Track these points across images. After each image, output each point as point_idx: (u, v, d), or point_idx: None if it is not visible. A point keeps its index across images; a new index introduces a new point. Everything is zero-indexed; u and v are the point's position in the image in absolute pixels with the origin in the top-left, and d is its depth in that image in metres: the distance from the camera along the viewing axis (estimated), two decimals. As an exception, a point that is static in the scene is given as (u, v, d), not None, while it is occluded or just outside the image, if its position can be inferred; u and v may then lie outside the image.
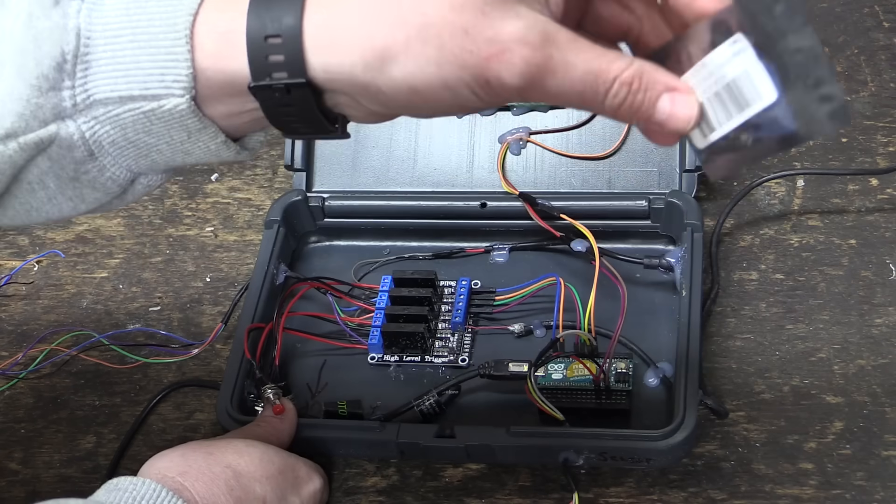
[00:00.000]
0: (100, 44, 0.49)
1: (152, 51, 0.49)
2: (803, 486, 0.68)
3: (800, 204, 0.81)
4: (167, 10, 0.49)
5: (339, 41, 0.48)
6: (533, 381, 0.69)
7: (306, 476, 0.67)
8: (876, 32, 0.88)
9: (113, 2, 0.50)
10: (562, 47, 0.48)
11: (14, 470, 0.76)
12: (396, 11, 0.47)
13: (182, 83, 0.49)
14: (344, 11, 0.48)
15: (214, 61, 0.50)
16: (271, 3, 0.49)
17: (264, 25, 0.48)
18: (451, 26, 0.47)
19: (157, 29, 0.49)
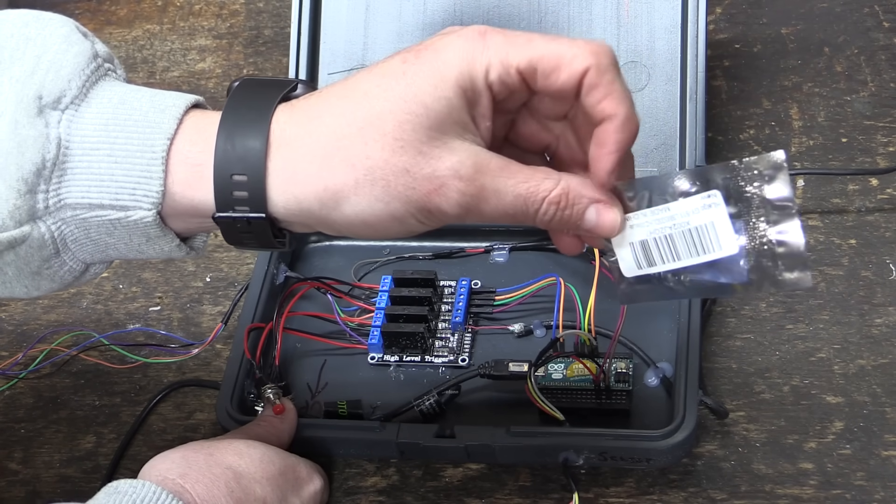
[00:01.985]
0: (77, 154, 0.53)
1: (127, 166, 0.53)
2: (803, 486, 0.68)
3: (800, 204, 0.81)
4: (145, 131, 0.54)
5: (298, 183, 0.54)
6: (533, 381, 0.69)
7: (307, 476, 0.67)
8: (876, 32, 0.88)
9: (92, 116, 0.54)
10: (493, 175, 0.54)
11: (14, 470, 0.76)
12: (346, 156, 0.53)
13: (151, 199, 0.54)
14: (302, 156, 0.54)
15: (183, 188, 0.54)
16: (236, 140, 0.54)
17: (230, 164, 0.54)
18: (393, 167, 0.53)
19: (135, 147, 0.53)
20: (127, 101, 0.54)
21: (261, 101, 0.55)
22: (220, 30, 0.99)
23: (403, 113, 0.53)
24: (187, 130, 0.54)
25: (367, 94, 0.54)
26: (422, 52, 0.54)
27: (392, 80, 0.54)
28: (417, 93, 0.53)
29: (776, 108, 0.86)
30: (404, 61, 0.54)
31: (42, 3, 1.04)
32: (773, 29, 0.90)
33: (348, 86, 0.55)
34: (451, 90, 0.53)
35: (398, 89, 0.53)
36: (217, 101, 0.94)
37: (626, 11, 0.81)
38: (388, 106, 0.53)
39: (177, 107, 0.55)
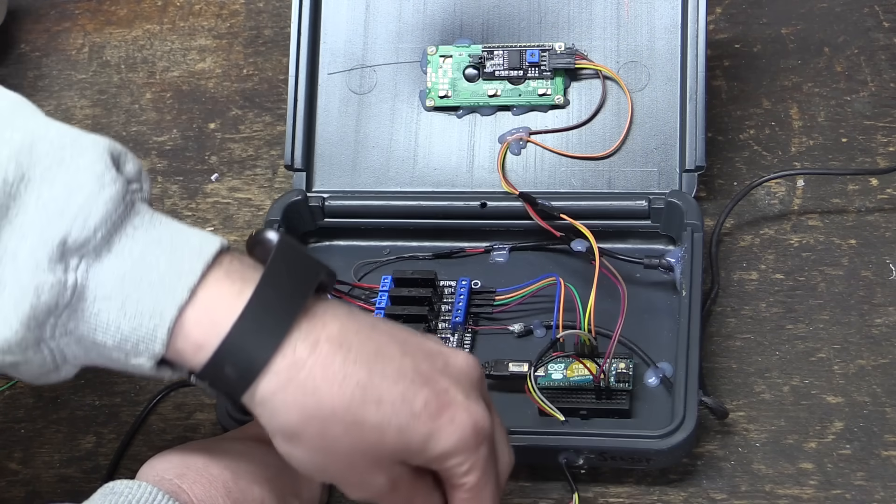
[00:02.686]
0: (90, 299, 0.54)
1: (135, 324, 0.54)
2: (803, 486, 0.68)
3: (800, 204, 0.81)
4: (158, 295, 0.54)
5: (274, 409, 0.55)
6: (533, 381, 0.69)
7: (305, 478, 0.67)
8: (876, 32, 0.88)
9: (112, 265, 0.54)
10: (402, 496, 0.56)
11: (14, 470, 0.76)
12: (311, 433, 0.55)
13: (152, 353, 0.55)
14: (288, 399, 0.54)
15: (178, 353, 0.55)
16: (246, 343, 0.54)
17: (230, 357, 0.54)
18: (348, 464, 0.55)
19: (146, 308, 0.54)
20: (146, 258, 0.55)
21: (287, 303, 0.55)
22: (220, 30, 0.99)
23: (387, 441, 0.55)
24: (199, 306, 0.55)
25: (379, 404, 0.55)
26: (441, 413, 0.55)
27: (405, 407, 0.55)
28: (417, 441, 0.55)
29: (776, 108, 0.86)
30: (425, 406, 0.55)
31: (43, 2, 1.04)
32: (773, 29, 0.90)
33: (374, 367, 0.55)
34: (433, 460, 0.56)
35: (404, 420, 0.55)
36: (217, 100, 0.94)
37: (626, 11, 0.81)
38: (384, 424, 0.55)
39: (193, 273, 0.55)
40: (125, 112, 0.95)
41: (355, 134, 0.83)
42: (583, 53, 0.81)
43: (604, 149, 0.80)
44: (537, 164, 0.81)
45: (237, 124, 0.93)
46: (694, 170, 0.78)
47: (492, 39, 0.83)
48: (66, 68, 0.99)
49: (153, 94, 0.96)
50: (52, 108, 0.97)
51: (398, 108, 0.83)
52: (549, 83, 0.81)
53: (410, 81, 0.83)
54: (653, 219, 0.78)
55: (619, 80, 0.80)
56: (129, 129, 0.94)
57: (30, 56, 1.01)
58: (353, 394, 0.54)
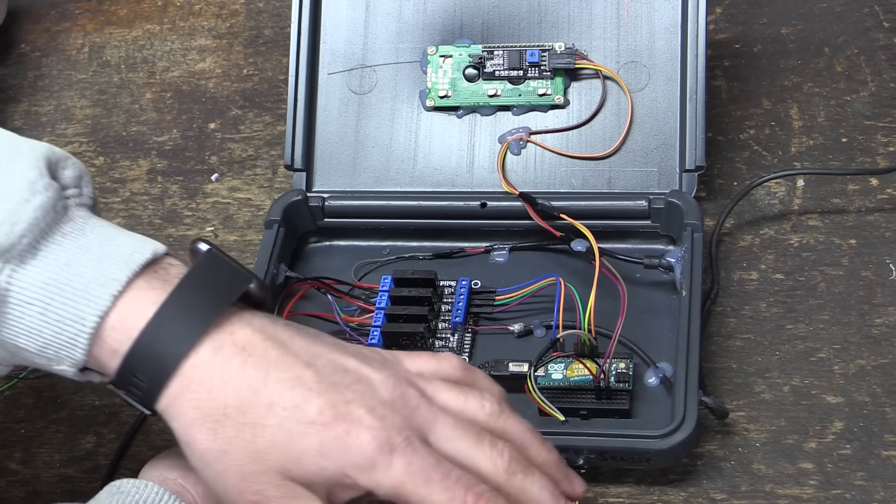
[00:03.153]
0: (12, 303, 0.55)
1: (56, 330, 0.55)
2: (803, 486, 0.68)
3: (800, 204, 0.81)
4: (80, 302, 0.55)
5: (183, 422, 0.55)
6: (533, 381, 0.69)
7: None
8: (876, 32, 0.88)
9: (36, 271, 0.55)
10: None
11: (14, 470, 0.76)
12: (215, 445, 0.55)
13: (73, 360, 0.56)
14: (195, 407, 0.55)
15: (98, 361, 0.56)
16: (155, 349, 0.55)
17: (137, 367, 0.55)
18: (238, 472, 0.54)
19: (67, 315, 0.55)
20: (72, 265, 0.55)
21: (199, 311, 0.56)
22: (220, 30, 0.99)
23: (280, 448, 0.54)
24: (119, 310, 0.55)
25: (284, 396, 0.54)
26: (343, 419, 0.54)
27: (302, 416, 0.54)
28: (304, 453, 0.54)
29: (776, 108, 0.86)
30: (328, 407, 0.54)
31: (43, 2, 1.04)
32: (773, 29, 0.90)
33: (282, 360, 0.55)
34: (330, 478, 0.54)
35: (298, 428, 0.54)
36: (217, 100, 0.94)
37: (626, 11, 0.81)
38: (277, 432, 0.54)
39: (117, 281, 0.55)
40: (125, 112, 0.95)
41: (355, 134, 0.83)
42: (583, 53, 0.81)
43: (604, 149, 0.80)
44: (537, 164, 0.81)
45: (237, 124, 0.93)
46: (694, 170, 0.78)
47: (492, 39, 0.83)
48: (66, 68, 0.99)
49: (153, 94, 0.96)
50: (52, 108, 0.97)
51: (398, 108, 0.83)
52: (549, 83, 0.81)
53: (410, 81, 0.83)
54: (653, 219, 0.78)
55: (619, 80, 0.80)
56: (129, 129, 0.94)
57: (30, 56, 1.01)
58: (246, 395, 0.54)
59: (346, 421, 0.54)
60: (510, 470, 0.56)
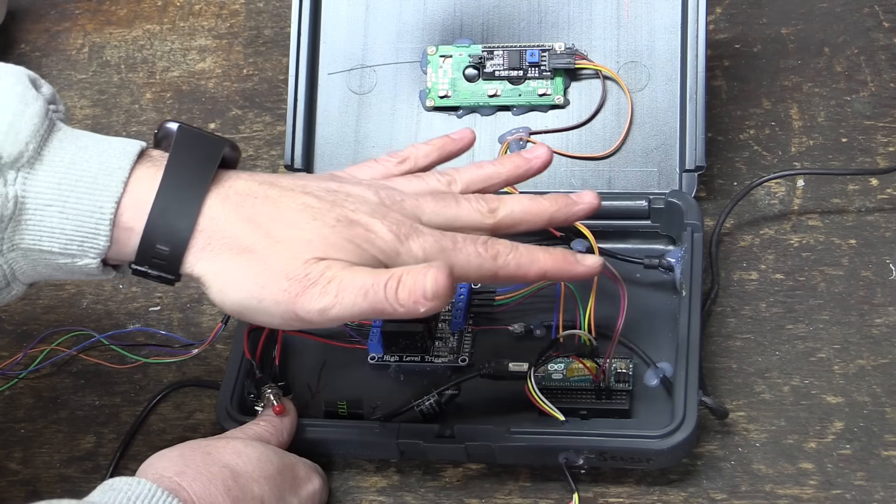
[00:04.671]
0: (31, 208, 0.59)
1: (77, 223, 0.59)
2: (803, 486, 0.68)
3: (800, 204, 0.81)
4: (94, 192, 0.59)
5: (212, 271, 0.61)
6: (533, 381, 0.69)
7: (305, 476, 0.67)
8: (876, 32, 0.88)
9: (46, 174, 0.59)
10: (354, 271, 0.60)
11: (14, 470, 0.76)
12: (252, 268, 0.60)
13: (97, 250, 0.60)
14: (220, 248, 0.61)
15: (118, 245, 0.61)
16: (168, 216, 0.60)
17: (157, 236, 0.60)
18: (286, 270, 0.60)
19: (85, 207, 0.59)
20: (77, 163, 0.60)
21: (196, 174, 0.61)
22: (220, 30, 0.99)
23: (314, 245, 0.60)
24: (130, 193, 0.60)
25: (298, 217, 0.61)
26: (355, 223, 0.61)
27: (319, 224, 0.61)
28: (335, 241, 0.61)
29: (776, 108, 0.86)
30: (338, 217, 0.61)
31: (43, 2, 1.04)
32: (773, 29, 0.90)
33: (282, 194, 0.62)
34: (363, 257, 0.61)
35: (322, 230, 0.61)
36: (217, 100, 0.94)
37: (626, 11, 0.81)
38: (305, 236, 0.60)
39: (122, 169, 0.60)
40: (125, 112, 0.95)
41: (355, 134, 0.83)
42: (583, 53, 0.81)
43: (604, 149, 0.80)
44: (537, 164, 0.81)
45: (237, 124, 0.93)
46: (694, 170, 0.78)
47: (492, 39, 0.83)
48: (66, 68, 0.99)
49: (153, 94, 0.96)
50: (52, 108, 0.97)
51: (398, 108, 0.83)
52: (549, 83, 0.81)
53: (410, 81, 0.84)
54: (653, 219, 0.78)
55: (619, 80, 0.80)
56: (129, 129, 0.94)
57: (30, 56, 1.01)
58: (268, 225, 0.61)
59: (360, 224, 0.61)
60: (490, 209, 0.65)
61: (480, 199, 0.66)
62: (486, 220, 0.65)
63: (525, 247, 0.64)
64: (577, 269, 0.65)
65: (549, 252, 0.65)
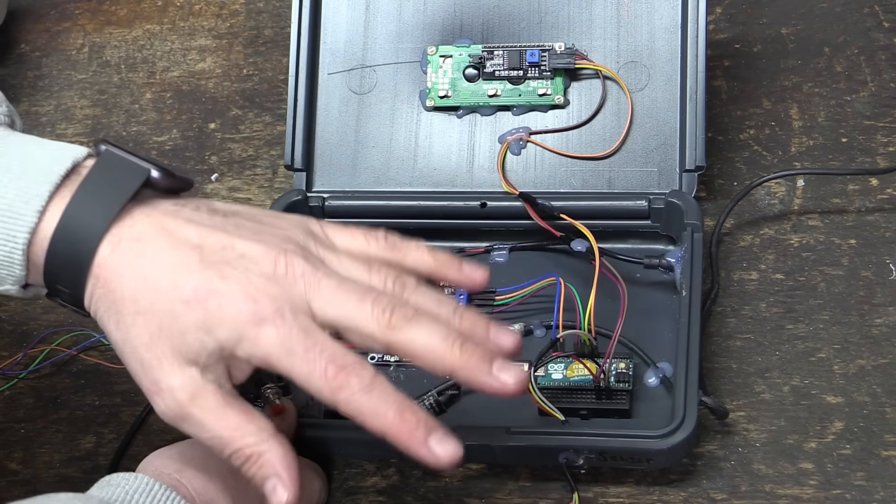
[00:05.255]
0: None
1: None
2: (803, 486, 0.68)
3: (800, 204, 0.81)
4: (8, 221, 0.57)
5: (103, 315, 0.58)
6: (533, 381, 0.69)
7: (305, 475, 0.67)
8: (876, 32, 0.88)
9: None
10: (204, 410, 0.56)
11: (14, 470, 0.76)
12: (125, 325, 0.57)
13: (14, 277, 0.58)
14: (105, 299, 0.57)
15: (33, 275, 0.59)
16: (60, 261, 0.57)
17: (56, 277, 0.57)
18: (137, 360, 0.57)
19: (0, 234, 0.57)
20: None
21: (102, 207, 0.57)
22: (220, 30, 0.99)
23: (168, 330, 0.56)
24: (45, 222, 0.57)
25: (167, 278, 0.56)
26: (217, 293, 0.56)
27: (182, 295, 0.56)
28: (186, 329, 0.56)
29: (776, 108, 0.86)
30: (205, 282, 0.56)
31: (43, 2, 1.04)
32: (773, 29, 0.90)
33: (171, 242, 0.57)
34: (212, 353, 0.56)
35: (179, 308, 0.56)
36: (217, 100, 0.94)
37: (626, 11, 0.81)
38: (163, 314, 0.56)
39: (40, 197, 0.57)
40: (125, 112, 0.95)
41: (355, 134, 0.83)
42: (583, 53, 0.81)
43: (604, 149, 0.80)
44: (537, 164, 0.81)
45: (237, 124, 0.93)
46: (694, 170, 0.78)
47: (492, 39, 0.83)
48: (66, 68, 0.99)
49: (153, 94, 0.96)
50: (52, 108, 0.97)
51: (398, 108, 0.83)
52: (549, 83, 0.81)
53: (410, 81, 0.84)
54: (653, 219, 0.78)
55: (619, 80, 0.80)
56: (129, 129, 0.94)
57: (30, 56, 1.01)
58: (137, 284, 0.56)
59: (219, 296, 0.55)
60: (391, 325, 0.56)
61: (388, 305, 0.57)
62: (381, 335, 0.56)
63: (381, 390, 0.56)
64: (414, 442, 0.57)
65: (401, 415, 0.56)
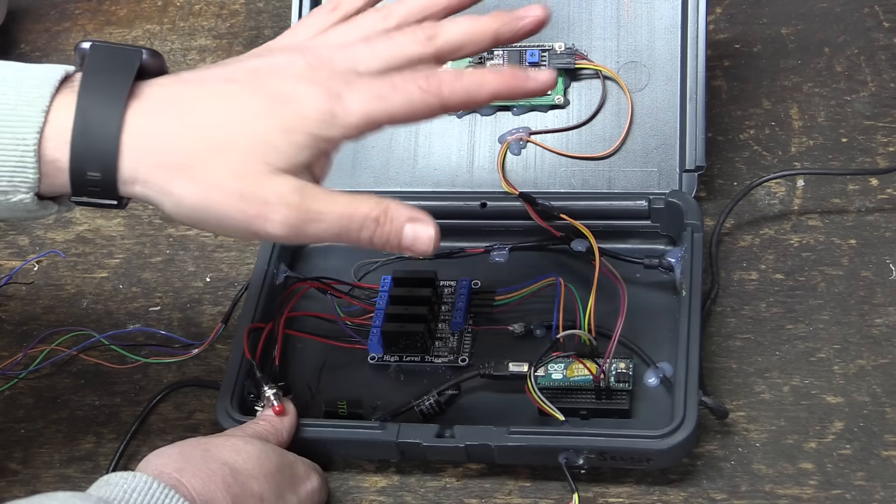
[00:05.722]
0: None
1: (2, 158, 0.58)
2: (803, 486, 0.68)
3: (800, 204, 0.81)
4: (14, 124, 0.58)
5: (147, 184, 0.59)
6: (533, 381, 0.69)
7: (304, 474, 0.68)
8: (876, 32, 0.88)
9: None
10: (317, 200, 0.59)
11: (14, 470, 0.76)
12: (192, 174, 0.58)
13: (28, 184, 0.58)
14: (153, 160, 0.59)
15: (49, 180, 0.59)
16: (90, 137, 0.58)
17: (84, 163, 0.58)
18: (229, 191, 0.58)
19: (7, 140, 0.58)
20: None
21: (110, 91, 0.59)
22: (220, 30, 0.99)
23: (253, 149, 0.58)
24: (51, 123, 0.58)
25: (227, 112, 0.59)
26: (285, 99, 0.59)
27: (250, 116, 0.59)
28: (272, 139, 0.58)
29: (776, 108, 0.86)
30: (267, 98, 0.59)
31: (43, 2, 1.04)
32: (773, 29, 0.90)
33: (206, 90, 0.60)
34: (305, 148, 0.59)
35: (255, 125, 0.58)
36: (217, 101, 0.94)
37: (626, 11, 0.81)
38: (241, 139, 0.58)
39: (43, 98, 0.58)
40: (125, 112, 0.95)
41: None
42: (583, 53, 0.81)
43: (604, 149, 0.80)
44: (537, 164, 0.81)
45: (237, 124, 0.93)
46: (694, 170, 0.78)
47: (492, 39, 0.83)
48: (66, 68, 0.99)
49: (153, 94, 0.96)
50: (52, 108, 0.97)
51: (398, 108, 0.83)
52: (549, 83, 0.81)
53: (410, 81, 0.83)
54: (653, 219, 0.78)
55: (619, 80, 0.80)
56: (129, 129, 0.94)
57: (30, 56, 1.01)
58: (199, 132, 0.58)
59: (289, 100, 0.59)
60: (428, 36, 0.61)
61: (416, 28, 0.62)
62: (426, 50, 0.62)
63: (471, 71, 0.62)
64: (528, 84, 0.62)
65: (497, 72, 0.61)
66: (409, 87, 0.59)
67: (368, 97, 0.59)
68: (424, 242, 0.60)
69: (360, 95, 0.59)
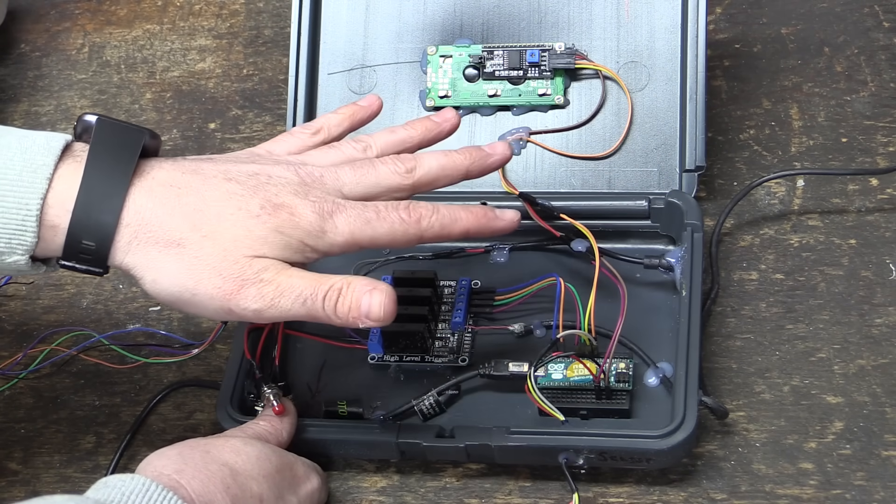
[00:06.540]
0: None
1: (3, 221, 0.60)
2: (803, 486, 0.68)
3: (800, 204, 0.81)
4: (19, 189, 0.60)
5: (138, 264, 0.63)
6: (533, 381, 0.69)
7: (304, 475, 0.68)
8: (876, 32, 0.88)
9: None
10: (293, 276, 0.63)
11: (14, 470, 0.76)
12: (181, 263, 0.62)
13: (25, 246, 0.61)
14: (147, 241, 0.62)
15: (46, 240, 0.62)
16: (91, 212, 0.61)
17: (82, 233, 0.61)
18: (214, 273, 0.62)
19: (11, 204, 0.60)
20: (0, 160, 0.61)
21: (117, 167, 0.62)
22: (220, 30, 0.99)
23: (243, 239, 0.62)
24: (54, 190, 0.61)
25: (226, 206, 0.63)
26: (280, 206, 0.63)
27: (246, 214, 0.63)
28: (265, 235, 0.62)
29: (776, 108, 0.86)
30: (264, 202, 0.63)
31: (43, 2, 1.04)
32: (773, 29, 0.90)
33: (208, 183, 0.63)
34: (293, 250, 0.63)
35: (249, 222, 0.62)
36: (217, 100, 0.94)
37: (626, 11, 0.81)
38: (233, 229, 0.62)
39: (47, 166, 0.61)
40: (125, 112, 0.95)
41: (355, 134, 0.83)
42: (583, 53, 0.81)
43: (604, 149, 0.80)
44: (537, 164, 0.81)
45: (237, 124, 0.93)
46: (694, 170, 0.78)
47: (492, 39, 0.83)
48: (66, 68, 0.99)
49: (153, 94, 0.96)
50: (52, 108, 0.97)
51: (398, 108, 0.83)
52: (549, 83, 0.81)
53: (410, 81, 0.84)
54: (653, 219, 0.78)
55: (619, 80, 0.80)
56: (129, 129, 0.94)
57: (30, 56, 1.01)
58: (194, 216, 0.62)
59: (284, 208, 0.63)
60: (408, 169, 0.67)
61: (396, 160, 0.68)
62: (404, 181, 0.67)
63: (446, 206, 0.67)
64: (496, 224, 0.69)
65: (469, 210, 0.67)
66: (392, 216, 0.65)
67: (356, 221, 0.64)
68: (376, 307, 0.63)
69: (349, 219, 0.64)
